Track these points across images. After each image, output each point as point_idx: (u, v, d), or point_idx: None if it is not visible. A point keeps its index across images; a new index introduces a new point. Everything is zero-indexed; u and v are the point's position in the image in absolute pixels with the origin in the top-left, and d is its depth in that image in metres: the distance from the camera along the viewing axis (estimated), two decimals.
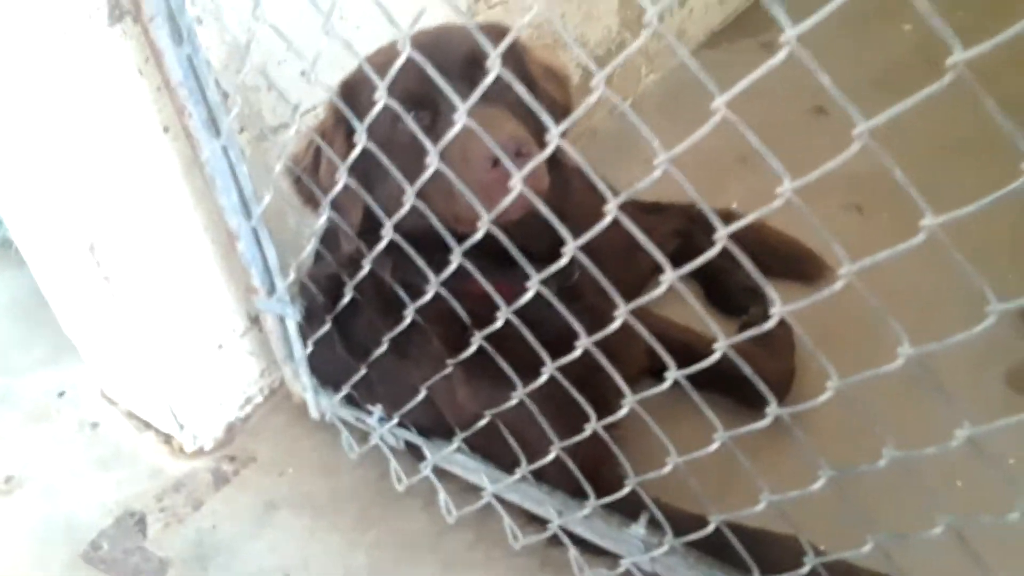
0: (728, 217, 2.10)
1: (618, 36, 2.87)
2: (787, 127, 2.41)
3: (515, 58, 1.36)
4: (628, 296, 1.19)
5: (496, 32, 1.28)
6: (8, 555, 1.70)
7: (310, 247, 1.48)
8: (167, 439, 1.90)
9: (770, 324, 0.93)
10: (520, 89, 0.96)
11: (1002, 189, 0.70)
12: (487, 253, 1.16)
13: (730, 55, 3.29)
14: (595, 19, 2.73)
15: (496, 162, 1.13)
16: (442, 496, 1.51)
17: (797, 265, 2.03)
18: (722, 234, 0.91)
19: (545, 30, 2.47)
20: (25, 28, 1.31)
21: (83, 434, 1.98)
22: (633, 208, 2.18)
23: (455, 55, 1.26)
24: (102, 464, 1.88)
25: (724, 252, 2.03)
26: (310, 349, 1.62)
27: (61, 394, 2.11)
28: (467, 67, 1.26)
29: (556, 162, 1.26)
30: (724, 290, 2.03)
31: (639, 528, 1.26)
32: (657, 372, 1.21)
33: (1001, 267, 1.77)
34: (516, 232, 1.12)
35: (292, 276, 1.54)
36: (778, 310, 0.92)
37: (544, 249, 1.29)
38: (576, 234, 1.04)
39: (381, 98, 1.08)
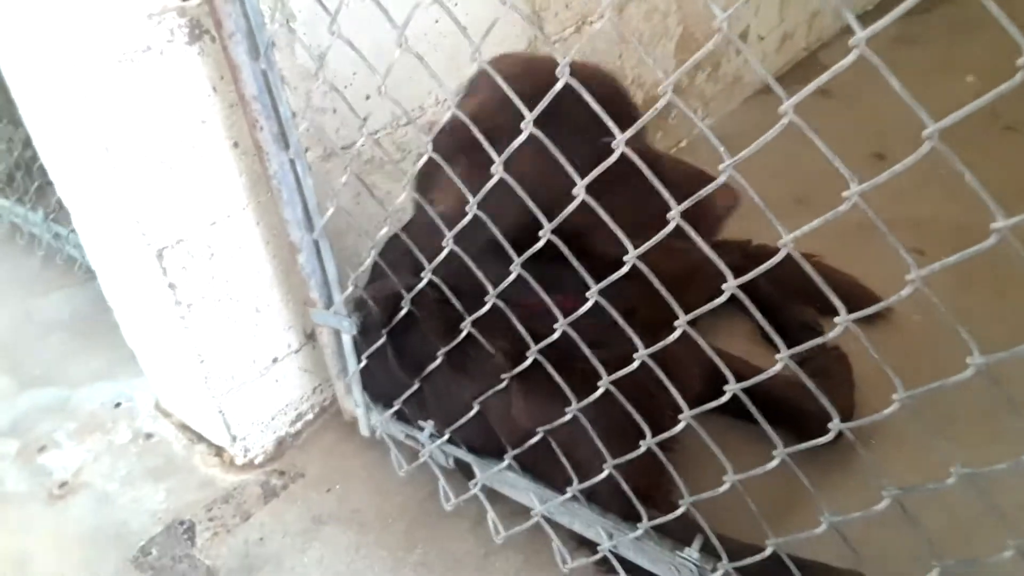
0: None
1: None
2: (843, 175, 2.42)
3: None
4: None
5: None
6: (60, 557, 1.72)
7: (368, 261, 1.50)
8: (219, 451, 1.92)
9: (834, 333, 0.92)
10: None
11: None
12: (544, 268, 1.17)
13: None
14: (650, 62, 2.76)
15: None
16: (491, 515, 1.50)
17: (856, 303, 2.00)
18: (787, 239, 0.91)
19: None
20: (110, 45, 1.38)
21: (137, 444, 2.01)
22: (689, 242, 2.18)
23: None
24: (155, 474, 1.90)
25: (779, 287, 2.00)
26: (363, 364, 1.64)
27: (117, 405, 2.15)
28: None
29: None
30: (779, 326, 2.00)
31: (692, 551, 1.23)
32: (712, 400, 1.20)
33: None
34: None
35: (350, 289, 1.56)
36: (842, 319, 0.91)
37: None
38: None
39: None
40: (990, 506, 0.90)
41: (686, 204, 0.96)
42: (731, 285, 0.98)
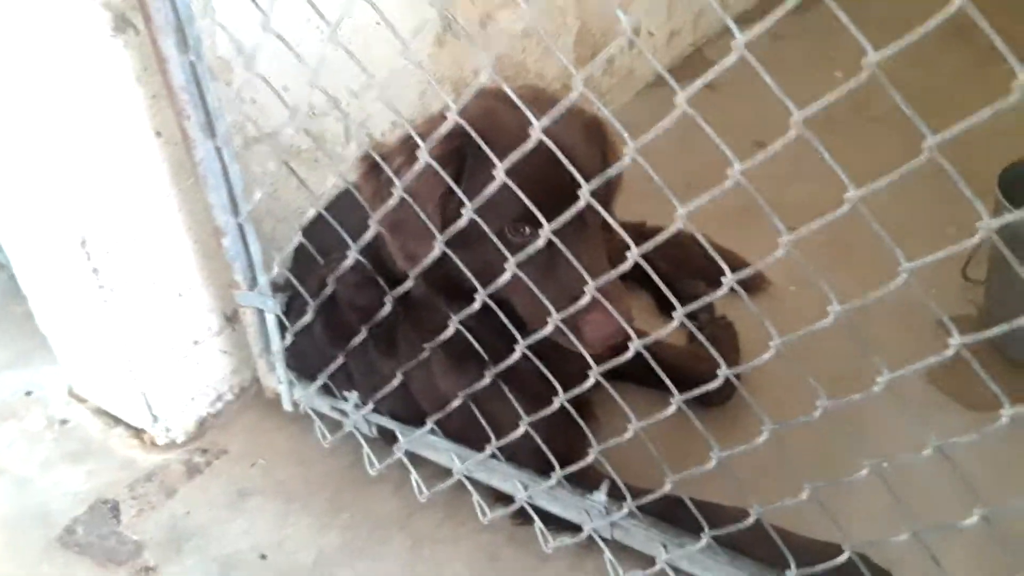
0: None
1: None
2: (728, 160, 2.63)
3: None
4: None
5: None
6: None
7: (293, 243, 1.59)
8: (138, 433, 1.96)
9: (722, 292, 1.09)
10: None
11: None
12: None
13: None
14: (553, 55, 2.92)
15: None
16: (414, 476, 1.61)
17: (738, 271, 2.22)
18: (681, 212, 1.06)
19: (506, 62, 2.64)
20: (35, 37, 1.42)
21: (52, 430, 2.02)
22: None
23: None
24: (73, 457, 1.92)
25: (672, 262, 2.18)
26: (289, 341, 1.71)
27: (28, 393, 2.14)
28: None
29: None
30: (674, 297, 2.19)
31: (600, 495, 1.38)
32: (619, 374, 1.30)
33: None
34: None
35: (275, 271, 1.64)
36: (728, 279, 1.07)
37: None
38: None
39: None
40: (849, 433, 1.08)
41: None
42: (634, 253, 1.12)
